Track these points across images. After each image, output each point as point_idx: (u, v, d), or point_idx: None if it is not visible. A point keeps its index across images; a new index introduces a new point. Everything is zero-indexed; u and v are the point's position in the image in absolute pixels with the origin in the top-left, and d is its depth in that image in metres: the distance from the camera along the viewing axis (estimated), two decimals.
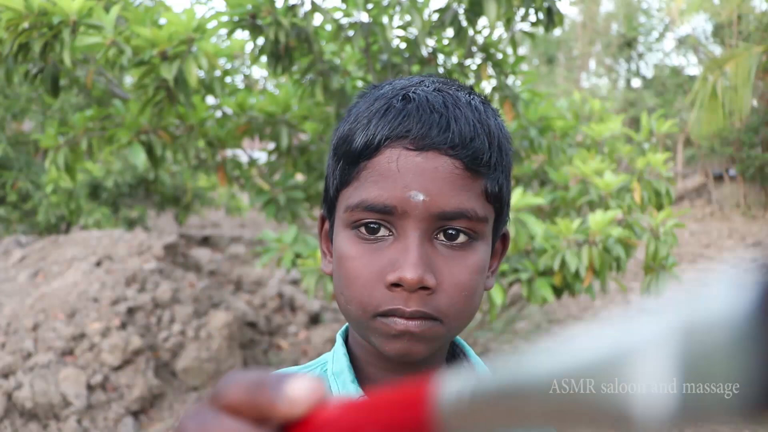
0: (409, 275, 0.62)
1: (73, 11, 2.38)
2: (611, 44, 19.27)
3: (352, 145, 0.67)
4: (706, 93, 8.39)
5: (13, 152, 6.81)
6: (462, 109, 0.66)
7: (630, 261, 4.69)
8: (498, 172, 0.67)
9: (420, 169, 0.63)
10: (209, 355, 3.82)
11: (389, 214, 0.64)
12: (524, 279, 3.00)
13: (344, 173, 0.68)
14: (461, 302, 0.66)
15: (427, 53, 3.11)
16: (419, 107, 0.65)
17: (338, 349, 0.74)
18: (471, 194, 0.65)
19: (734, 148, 12.65)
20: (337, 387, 0.70)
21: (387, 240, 0.65)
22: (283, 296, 5.21)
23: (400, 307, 0.63)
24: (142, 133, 3.02)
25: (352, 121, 0.69)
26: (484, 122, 0.67)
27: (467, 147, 0.64)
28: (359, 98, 0.73)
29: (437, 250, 0.65)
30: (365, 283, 0.65)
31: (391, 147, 0.64)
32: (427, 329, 0.64)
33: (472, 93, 0.71)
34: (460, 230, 0.65)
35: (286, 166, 3.52)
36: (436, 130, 0.64)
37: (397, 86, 0.70)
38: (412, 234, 0.64)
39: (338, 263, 0.69)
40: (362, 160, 0.66)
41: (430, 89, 0.68)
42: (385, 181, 0.64)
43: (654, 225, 3.14)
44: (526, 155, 3.78)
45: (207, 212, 10.62)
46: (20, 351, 3.47)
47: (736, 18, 12.36)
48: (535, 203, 2.91)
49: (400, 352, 0.65)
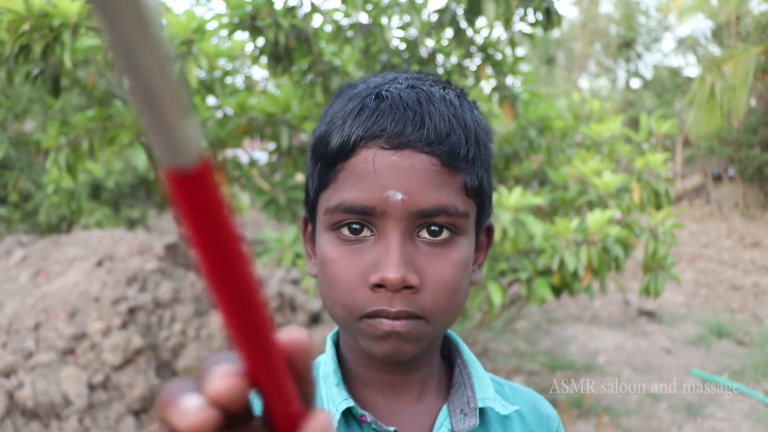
0: (392, 275, 0.61)
1: (74, 13, 2.39)
2: (610, 45, 19.27)
3: (328, 147, 0.66)
4: (704, 93, 8.40)
5: (15, 152, 6.82)
6: (436, 104, 0.66)
7: (629, 261, 4.70)
8: (477, 166, 0.67)
9: (396, 168, 0.63)
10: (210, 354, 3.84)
11: (368, 214, 0.64)
12: (523, 279, 3.01)
13: (322, 175, 0.68)
14: (446, 299, 0.65)
15: (427, 54, 3.13)
16: (393, 105, 0.65)
17: (327, 351, 0.74)
18: (450, 190, 0.65)
19: (733, 148, 12.65)
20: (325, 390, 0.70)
21: (369, 241, 0.65)
22: (284, 296, 5.22)
23: (385, 307, 0.63)
24: (142, 134, 3.04)
25: (327, 122, 0.68)
26: (459, 116, 0.66)
27: (443, 143, 0.64)
28: (335, 98, 0.72)
29: (419, 248, 0.65)
30: (349, 285, 0.65)
31: (366, 147, 0.64)
32: (413, 328, 0.64)
33: (446, 87, 0.70)
34: (442, 226, 0.65)
35: (286, 166, 3.54)
36: (410, 127, 0.63)
37: (371, 84, 0.69)
38: (392, 234, 0.63)
39: (321, 266, 0.68)
40: (339, 162, 0.66)
41: (403, 86, 0.67)
42: (363, 182, 0.64)
43: (653, 225, 3.15)
44: (525, 155, 3.79)
45: None
46: (22, 350, 3.48)
47: (734, 19, 12.37)
48: (534, 203, 2.92)
49: (388, 353, 0.65)
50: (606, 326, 6.04)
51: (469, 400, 0.72)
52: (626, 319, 6.27)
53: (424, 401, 0.73)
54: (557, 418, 0.83)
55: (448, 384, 0.76)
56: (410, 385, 0.73)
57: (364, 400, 0.71)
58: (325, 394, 0.69)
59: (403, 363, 0.70)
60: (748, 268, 8.57)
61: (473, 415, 0.71)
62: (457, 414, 0.71)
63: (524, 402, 0.80)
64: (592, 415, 3.91)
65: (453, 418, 0.71)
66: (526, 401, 0.80)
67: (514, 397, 0.79)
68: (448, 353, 0.79)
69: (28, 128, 7.81)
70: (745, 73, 8.09)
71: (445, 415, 0.71)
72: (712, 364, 4.96)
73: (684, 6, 12.21)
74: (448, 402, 0.73)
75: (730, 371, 4.79)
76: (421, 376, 0.73)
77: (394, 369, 0.71)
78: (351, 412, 0.69)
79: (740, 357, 5.14)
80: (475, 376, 0.74)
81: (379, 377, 0.72)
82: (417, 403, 0.73)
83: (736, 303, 6.97)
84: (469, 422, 0.70)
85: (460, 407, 0.72)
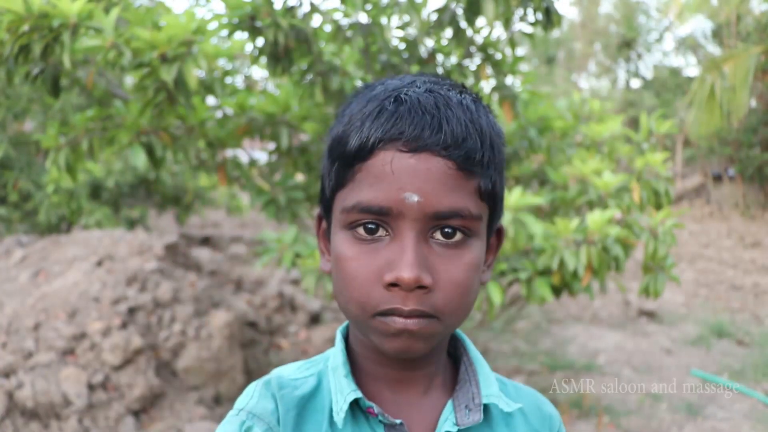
0: (406, 275, 0.63)
1: (73, 13, 2.39)
2: (610, 45, 19.27)
3: (346, 147, 0.68)
4: (704, 93, 8.39)
5: (15, 152, 6.82)
6: (453, 109, 0.67)
7: (629, 261, 4.70)
8: (491, 170, 0.69)
9: (414, 171, 0.64)
10: (210, 354, 3.83)
11: (385, 215, 0.65)
12: (523, 278, 3.01)
13: (339, 175, 0.69)
14: (458, 299, 0.67)
15: (426, 53, 3.12)
16: (411, 109, 0.66)
17: (336, 345, 0.76)
18: (464, 193, 0.66)
19: (733, 148, 12.64)
20: (333, 381, 0.72)
21: (384, 240, 0.67)
22: (284, 296, 5.22)
23: (398, 306, 0.65)
24: (142, 134, 3.04)
25: (345, 123, 0.70)
26: (475, 121, 0.68)
27: (459, 147, 0.65)
28: (353, 98, 0.73)
29: (433, 249, 0.67)
30: (363, 283, 0.66)
31: (384, 149, 0.65)
32: (425, 327, 0.66)
33: (463, 92, 0.72)
34: (455, 228, 0.67)
35: (286, 166, 3.54)
36: (428, 131, 0.65)
37: (390, 87, 0.70)
38: (407, 234, 0.65)
39: (336, 264, 0.70)
40: (357, 162, 0.67)
41: (421, 90, 0.69)
42: (380, 183, 0.65)
43: (653, 225, 3.15)
44: (525, 155, 3.79)
45: (207, 212, 10.63)
46: (21, 350, 3.48)
47: (734, 18, 12.36)
48: (534, 203, 2.92)
49: (400, 350, 0.67)
50: (606, 326, 6.04)
51: (473, 396, 0.74)
52: (626, 319, 6.27)
53: (430, 396, 0.75)
54: (559, 418, 0.85)
55: (454, 380, 0.78)
56: (417, 380, 0.75)
57: (372, 392, 0.73)
58: (334, 386, 0.71)
59: (411, 360, 0.72)
60: (749, 268, 8.57)
61: (477, 410, 0.73)
62: (461, 409, 0.73)
63: (527, 401, 0.81)
64: (592, 415, 3.91)
65: (458, 412, 0.73)
66: (529, 400, 0.82)
67: (518, 396, 0.81)
68: (454, 351, 0.81)
69: (28, 128, 7.81)
70: (745, 72, 8.08)
71: (450, 410, 0.73)
72: (712, 364, 4.95)
73: (684, 6, 12.21)
74: (454, 397, 0.75)
75: (731, 371, 4.79)
76: (428, 372, 0.75)
77: (401, 365, 0.73)
78: (358, 404, 0.71)
79: (740, 357, 5.14)
80: (480, 373, 0.77)
81: (387, 372, 0.74)
82: (423, 398, 0.75)
83: (736, 303, 6.97)
84: (473, 417, 0.72)
85: (464, 402, 0.74)
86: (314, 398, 0.72)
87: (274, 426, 0.69)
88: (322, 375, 0.74)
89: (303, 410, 0.71)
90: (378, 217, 0.66)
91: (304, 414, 0.71)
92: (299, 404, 0.71)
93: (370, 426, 0.70)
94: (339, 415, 0.69)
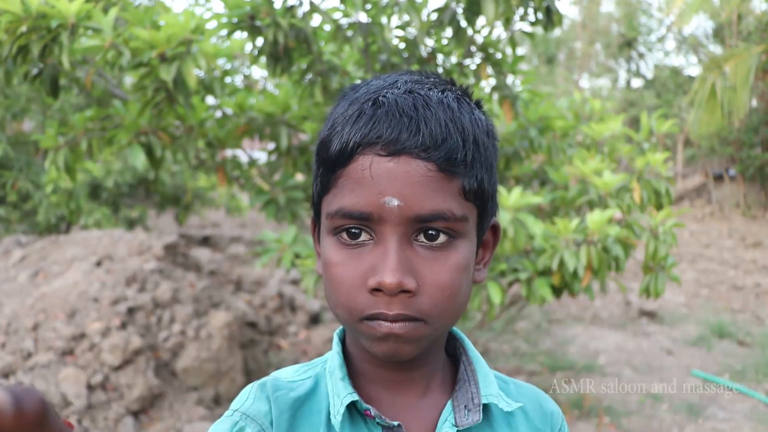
0: (388, 280, 0.63)
1: (71, 14, 2.38)
2: (611, 44, 19.26)
3: (328, 152, 0.68)
4: (705, 93, 8.39)
5: (14, 152, 6.81)
6: (433, 109, 0.66)
7: (629, 261, 4.70)
8: (476, 169, 0.67)
9: (393, 175, 0.64)
10: (209, 355, 3.83)
11: (367, 220, 0.65)
12: (523, 279, 3.00)
13: (324, 180, 0.69)
14: (444, 302, 0.67)
15: (426, 53, 3.12)
16: (389, 112, 0.65)
17: (333, 347, 0.76)
18: (447, 195, 0.65)
19: (734, 148, 12.64)
20: (331, 384, 0.72)
21: (368, 245, 0.66)
22: (283, 296, 5.22)
23: (383, 311, 0.65)
24: (141, 134, 3.03)
25: (330, 127, 0.70)
26: (456, 120, 0.66)
27: (439, 148, 0.64)
28: (340, 100, 0.73)
29: (417, 252, 0.66)
30: (349, 288, 0.66)
31: (363, 153, 0.65)
32: (411, 330, 0.65)
33: (447, 90, 0.70)
34: (439, 230, 0.66)
35: (285, 166, 3.52)
36: (406, 134, 0.64)
37: (371, 89, 0.70)
38: (390, 239, 0.65)
39: (324, 269, 0.71)
40: (338, 168, 0.67)
41: (400, 91, 0.68)
42: (360, 189, 0.65)
43: (653, 225, 3.14)
44: (526, 155, 3.78)
45: (207, 212, 10.63)
46: (20, 351, 3.47)
47: (735, 18, 12.35)
48: (534, 203, 2.91)
49: (388, 353, 0.67)
50: (606, 326, 6.03)
51: (473, 396, 0.74)
52: (627, 320, 6.26)
53: (429, 397, 0.75)
54: (561, 415, 0.84)
55: (453, 381, 0.78)
56: (414, 381, 0.74)
57: (369, 395, 0.73)
58: (331, 389, 0.71)
59: (406, 361, 0.71)
60: (749, 269, 8.56)
61: (477, 410, 0.73)
62: (461, 409, 0.73)
63: (528, 399, 0.81)
64: (593, 415, 3.90)
65: (457, 413, 0.73)
66: (530, 398, 0.81)
67: (519, 394, 0.81)
68: (453, 351, 0.80)
69: (27, 128, 7.81)
70: (746, 72, 8.08)
71: (449, 411, 0.73)
72: (713, 365, 4.95)
73: (685, 5, 12.20)
74: (453, 398, 0.75)
75: (731, 372, 4.78)
76: (424, 373, 0.75)
77: (397, 366, 0.73)
78: (356, 406, 0.70)
79: (741, 357, 5.13)
80: (479, 372, 0.76)
81: (384, 374, 0.74)
82: (421, 399, 0.74)
83: (737, 303, 6.96)
84: (473, 417, 0.72)
85: (464, 403, 0.74)
86: (310, 400, 0.72)
87: (267, 428, 0.69)
88: (319, 377, 0.74)
89: (297, 412, 0.71)
90: (360, 222, 0.66)
91: (298, 416, 0.70)
92: (293, 406, 0.71)
93: (368, 428, 0.70)
94: (336, 417, 0.68)
